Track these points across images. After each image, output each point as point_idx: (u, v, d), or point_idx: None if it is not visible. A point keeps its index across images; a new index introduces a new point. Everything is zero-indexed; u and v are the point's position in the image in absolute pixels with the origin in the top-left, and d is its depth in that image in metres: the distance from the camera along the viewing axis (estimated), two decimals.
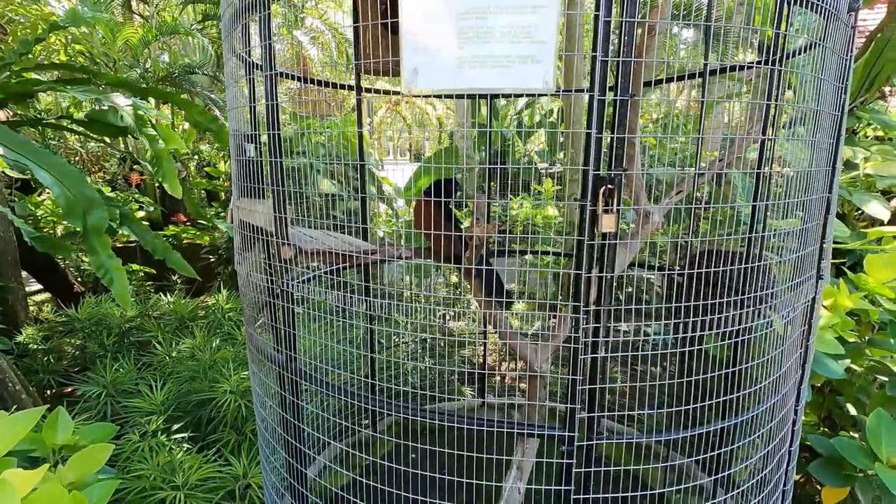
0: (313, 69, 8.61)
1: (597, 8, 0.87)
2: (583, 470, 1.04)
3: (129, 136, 3.11)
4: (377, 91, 2.63)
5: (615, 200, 0.92)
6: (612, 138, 0.92)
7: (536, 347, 1.52)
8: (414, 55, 0.93)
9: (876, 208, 2.99)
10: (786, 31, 1.14)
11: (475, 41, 0.91)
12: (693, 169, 1.86)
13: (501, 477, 1.47)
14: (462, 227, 1.74)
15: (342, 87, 2.28)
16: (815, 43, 1.13)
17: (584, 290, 0.97)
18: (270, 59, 1.19)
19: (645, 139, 3.63)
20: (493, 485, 1.23)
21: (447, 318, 3.65)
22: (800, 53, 1.48)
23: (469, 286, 1.62)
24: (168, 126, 3.03)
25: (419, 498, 1.21)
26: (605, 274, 0.96)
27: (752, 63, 1.71)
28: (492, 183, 2.67)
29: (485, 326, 2.64)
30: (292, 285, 1.28)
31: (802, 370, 1.34)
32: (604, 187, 0.91)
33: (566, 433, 1.03)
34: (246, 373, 2.71)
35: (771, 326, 1.20)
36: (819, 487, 2.16)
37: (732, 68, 1.74)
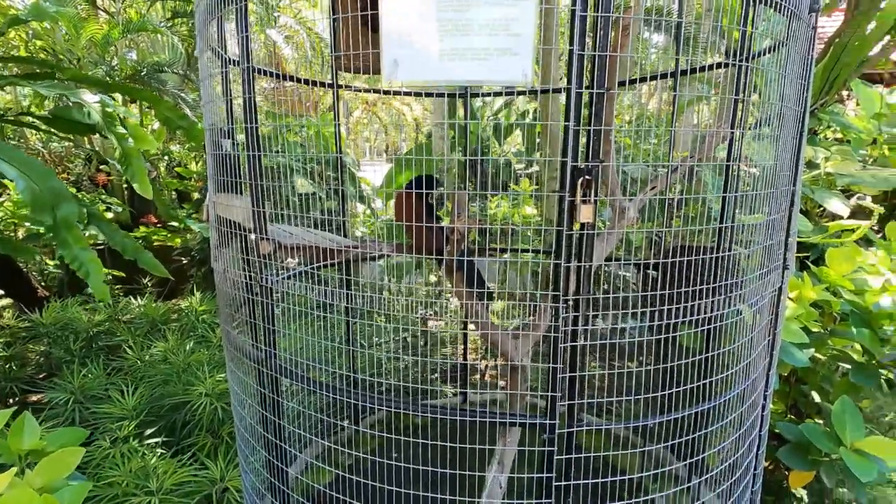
0: (287, 68, 8.50)
1: (573, 3, 0.89)
2: (563, 457, 1.06)
3: (98, 133, 3.02)
4: (356, 89, 2.62)
5: (592, 191, 0.94)
6: (589, 131, 0.95)
7: (516, 341, 1.54)
8: (394, 47, 0.93)
9: (836, 205, 3.13)
10: (751, 31, 1.18)
11: (454, 34, 0.92)
12: (665, 166, 1.92)
13: (485, 468, 1.48)
14: (442, 222, 1.74)
15: (316, 83, 2.26)
16: (779, 42, 1.18)
17: (563, 280, 0.99)
18: (247, 52, 1.17)
19: (620, 139, 3.71)
20: (476, 474, 1.24)
21: (428, 316, 3.65)
22: (765, 54, 1.54)
23: (449, 282, 1.63)
24: (137, 124, 2.94)
25: (404, 491, 1.21)
26: (583, 263, 0.99)
27: (720, 63, 1.77)
28: (470, 183, 2.69)
29: (465, 323, 2.65)
30: (272, 280, 1.27)
31: (771, 357, 1.39)
32: (582, 178, 0.93)
33: (547, 421, 1.05)
34: (222, 375, 2.65)
35: (740, 314, 1.25)
36: (787, 473, 2.24)
37: (701, 69, 1.80)
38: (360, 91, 2.41)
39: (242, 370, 1.59)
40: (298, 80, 2.29)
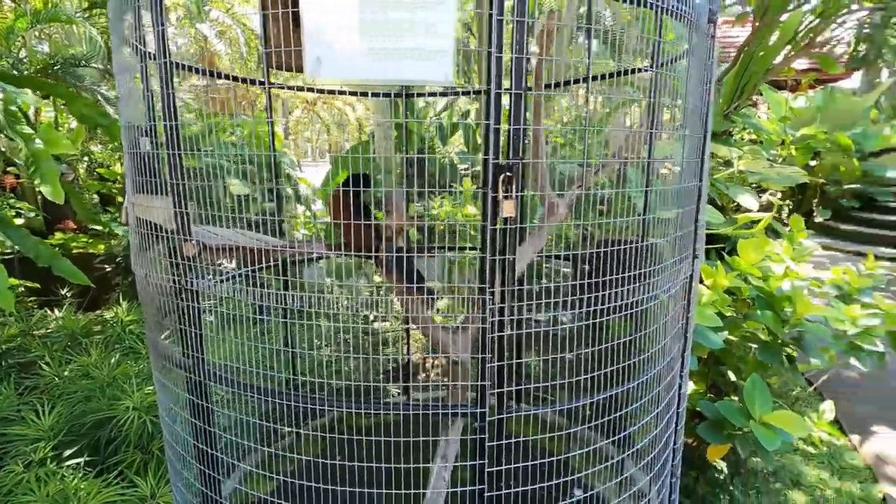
0: (221, 65, 8.14)
1: (490, 7, 0.93)
2: (494, 443, 1.10)
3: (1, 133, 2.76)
4: (290, 87, 2.56)
5: (514, 187, 0.99)
6: (509, 130, 0.99)
7: (456, 336, 1.57)
8: (316, 45, 0.93)
9: (747, 200, 3.41)
10: (659, 39, 1.28)
11: (377, 34, 0.93)
12: (595, 164, 2.03)
13: (429, 464, 1.50)
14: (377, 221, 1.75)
15: (246, 81, 2.20)
16: (684, 50, 1.28)
17: (488, 273, 1.02)
18: (163, 45, 1.13)
19: (555, 138, 3.85)
20: (421, 466, 1.26)
21: (371, 317, 3.63)
22: (675, 61, 1.67)
23: (387, 279, 1.64)
24: (50, 125, 2.73)
25: (349, 490, 1.21)
26: (507, 256, 1.03)
27: (639, 68, 1.90)
28: (413, 182, 2.71)
29: (407, 321, 2.67)
30: (198, 283, 1.22)
31: (685, 339, 1.51)
32: (503, 175, 0.98)
33: (478, 410, 1.09)
34: (151, 387, 2.51)
35: (657, 300, 1.35)
36: (707, 447, 2.43)
37: (621, 73, 1.92)
38: (292, 89, 2.36)
39: (171, 379, 1.52)
40: (227, 77, 2.21)
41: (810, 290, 2.61)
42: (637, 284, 1.29)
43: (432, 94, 3.13)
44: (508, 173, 0.98)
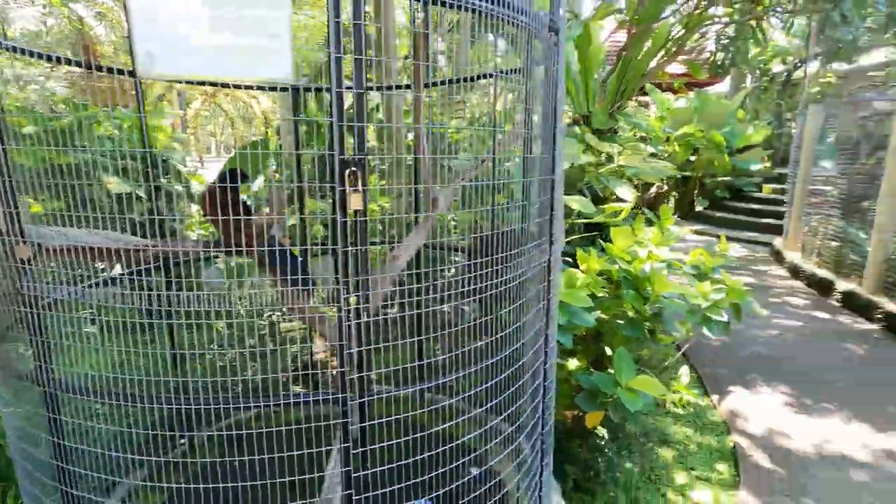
0: (101, 50, 7.41)
1: (327, 10, 0.98)
2: (358, 426, 1.16)
3: None
4: (166, 80, 2.43)
5: (361, 181, 1.04)
6: (354, 127, 1.04)
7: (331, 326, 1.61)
8: (146, 40, 0.92)
9: (624, 192, 3.77)
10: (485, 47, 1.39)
11: (213, 30, 0.94)
12: (476, 159, 2.15)
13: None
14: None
15: (113, 71, 2.06)
16: (526, 57, 1.41)
17: (342, 264, 1.07)
18: None
19: (451, 135, 3.98)
20: (315, 451, 1.28)
21: (272, 319, 3.54)
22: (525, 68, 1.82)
23: (265, 273, 1.64)
24: None
25: (239, 485, 1.20)
26: (359, 247, 1.09)
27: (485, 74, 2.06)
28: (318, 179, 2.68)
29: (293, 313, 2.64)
30: (37, 288, 1.15)
31: (547, 318, 1.66)
32: (348, 170, 1.03)
33: (340, 395, 1.14)
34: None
35: (522, 277, 1.48)
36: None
37: (466, 79, 2.07)
38: (166, 81, 2.24)
39: (21, 396, 1.41)
40: (89, 67, 2.05)
41: (672, 270, 2.96)
42: (500, 266, 1.41)
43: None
44: (354, 168, 1.03)
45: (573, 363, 2.72)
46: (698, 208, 10.18)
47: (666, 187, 10.29)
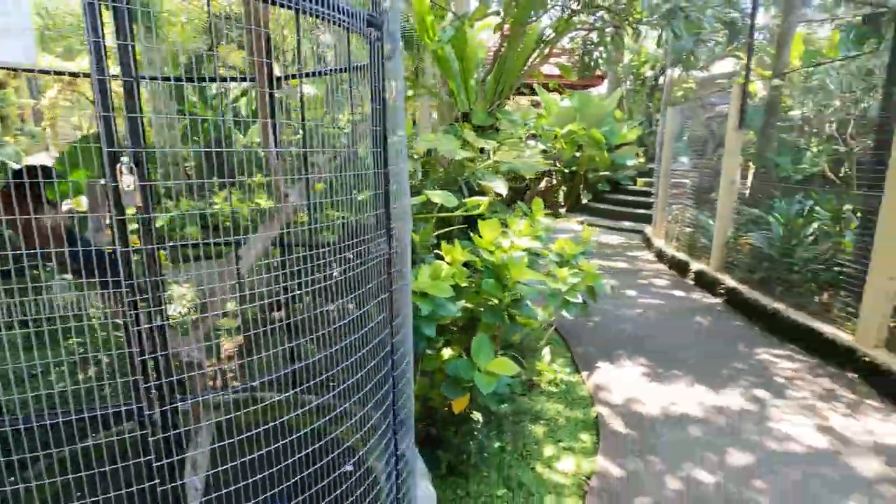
0: None
1: None
2: (161, 436, 1.09)
3: None
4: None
5: (137, 176, 0.98)
6: (126, 118, 0.98)
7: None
8: None
9: (499, 186, 3.95)
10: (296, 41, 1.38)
11: None
12: (325, 154, 2.12)
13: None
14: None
15: None
16: (346, 55, 1.42)
17: (122, 266, 1.00)
18: None
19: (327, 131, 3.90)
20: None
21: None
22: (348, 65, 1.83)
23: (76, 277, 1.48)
24: None
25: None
26: (145, 248, 1.02)
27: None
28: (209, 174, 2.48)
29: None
30: None
31: (391, 310, 1.69)
32: (119, 164, 0.96)
33: (133, 405, 1.06)
34: None
35: (352, 272, 1.48)
36: None
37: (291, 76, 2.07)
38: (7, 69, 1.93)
39: None
40: None
41: (534, 258, 3.16)
42: (325, 260, 1.40)
43: (224, 80, 2.90)
44: (130, 162, 0.97)
45: (447, 352, 2.81)
46: (584, 201, 11.00)
47: (555, 181, 10.97)
